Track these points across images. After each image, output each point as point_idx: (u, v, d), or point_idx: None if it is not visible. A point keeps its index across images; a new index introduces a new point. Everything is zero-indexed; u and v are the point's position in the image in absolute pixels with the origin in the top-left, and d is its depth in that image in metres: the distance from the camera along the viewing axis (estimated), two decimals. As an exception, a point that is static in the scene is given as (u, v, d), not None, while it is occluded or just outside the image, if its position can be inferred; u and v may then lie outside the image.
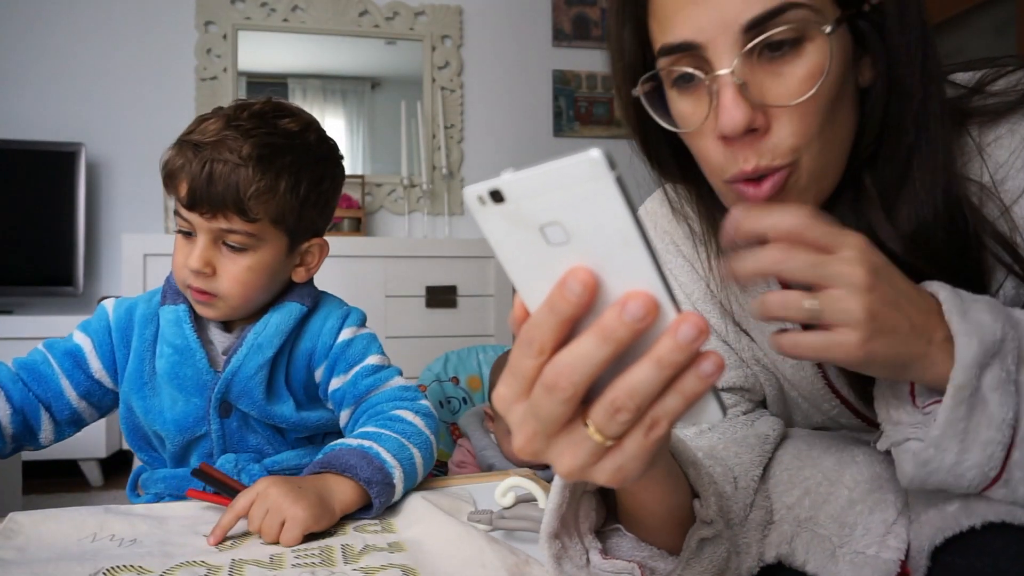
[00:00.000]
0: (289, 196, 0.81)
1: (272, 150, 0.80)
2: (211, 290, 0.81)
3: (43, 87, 2.67)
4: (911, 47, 0.53)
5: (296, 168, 0.82)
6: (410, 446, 0.77)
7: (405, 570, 0.57)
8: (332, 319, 0.90)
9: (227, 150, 0.78)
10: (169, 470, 0.88)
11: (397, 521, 0.71)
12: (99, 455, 2.25)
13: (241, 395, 0.84)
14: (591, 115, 3.21)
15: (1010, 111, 0.57)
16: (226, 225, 0.79)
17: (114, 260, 2.66)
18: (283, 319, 0.86)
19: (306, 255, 0.89)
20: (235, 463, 0.85)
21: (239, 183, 0.77)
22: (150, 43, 2.78)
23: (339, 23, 2.95)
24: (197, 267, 0.80)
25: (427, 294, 2.57)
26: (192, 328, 0.85)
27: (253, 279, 0.83)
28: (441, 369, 1.81)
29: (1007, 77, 0.59)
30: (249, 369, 0.84)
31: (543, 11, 3.17)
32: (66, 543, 0.62)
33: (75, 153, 2.51)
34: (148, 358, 0.86)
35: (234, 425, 0.87)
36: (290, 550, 0.62)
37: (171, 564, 0.57)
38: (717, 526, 0.51)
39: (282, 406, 0.87)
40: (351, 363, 0.88)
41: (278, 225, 0.82)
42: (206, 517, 0.70)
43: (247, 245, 0.81)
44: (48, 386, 0.84)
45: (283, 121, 0.84)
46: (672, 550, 0.51)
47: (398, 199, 3.00)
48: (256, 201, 0.79)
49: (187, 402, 0.85)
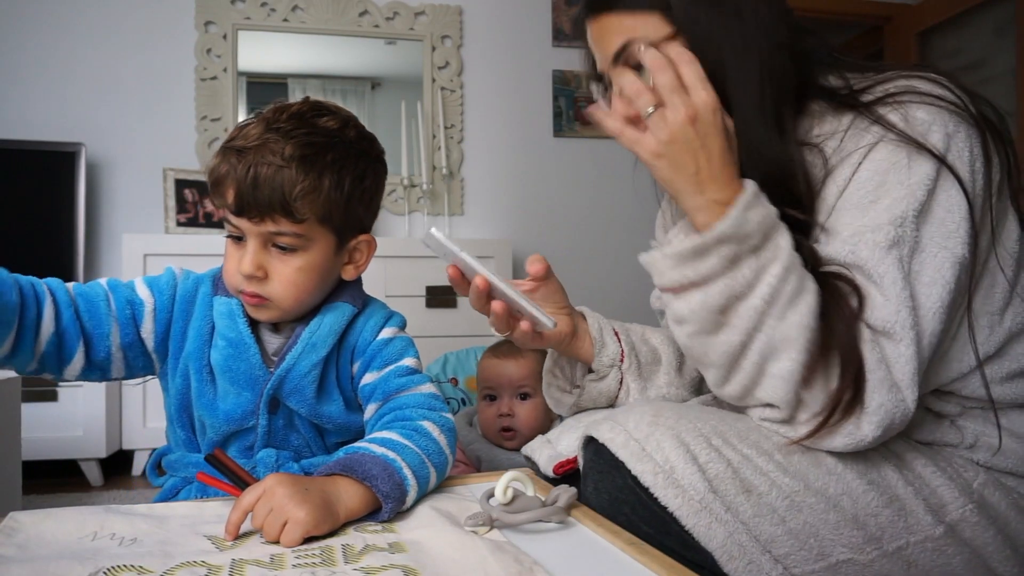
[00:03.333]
0: (334, 193, 0.82)
1: (314, 149, 0.81)
2: (264, 293, 0.82)
3: (43, 87, 2.68)
4: (719, 35, 0.75)
5: (339, 165, 0.83)
6: (429, 465, 0.77)
7: (406, 570, 0.57)
8: (376, 318, 0.92)
9: (270, 153, 0.79)
10: (197, 456, 0.88)
11: (398, 522, 0.71)
12: (99, 455, 2.25)
13: (292, 392, 0.85)
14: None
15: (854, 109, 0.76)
16: (274, 228, 0.80)
17: (114, 260, 2.66)
18: (336, 319, 0.88)
19: (354, 253, 0.90)
20: (276, 459, 0.86)
21: (284, 184, 0.78)
22: (150, 43, 2.78)
23: (339, 23, 2.96)
24: (249, 271, 0.80)
25: (427, 294, 2.57)
26: (246, 323, 0.86)
27: (305, 280, 0.83)
28: (440, 370, 1.81)
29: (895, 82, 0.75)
30: (303, 367, 0.85)
31: (543, 11, 3.17)
32: (67, 541, 0.62)
33: (75, 153, 2.52)
34: (207, 343, 0.87)
35: (280, 423, 0.88)
36: (291, 550, 0.62)
37: (171, 564, 0.57)
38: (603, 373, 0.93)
39: (331, 405, 0.88)
40: (386, 361, 0.89)
41: (325, 223, 0.83)
42: (206, 517, 0.70)
43: (297, 246, 0.82)
44: (98, 324, 0.82)
45: (322, 120, 0.84)
46: None
47: (398, 199, 3.00)
48: (302, 201, 0.79)
49: (238, 395, 0.85)
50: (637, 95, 0.72)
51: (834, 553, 0.69)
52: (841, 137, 0.75)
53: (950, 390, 0.76)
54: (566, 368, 0.96)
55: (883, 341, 0.67)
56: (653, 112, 0.71)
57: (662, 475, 0.69)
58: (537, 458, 0.91)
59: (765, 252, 0.69)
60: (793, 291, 0.68)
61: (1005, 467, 0.75)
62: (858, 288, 0.69)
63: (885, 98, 0.74)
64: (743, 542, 0.67)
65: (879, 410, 0.66)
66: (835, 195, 0.74)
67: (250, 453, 0.88)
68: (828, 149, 0.76)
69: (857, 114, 0.75)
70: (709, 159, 0.70)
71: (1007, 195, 0.75)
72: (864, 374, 0.67)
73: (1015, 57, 3.12)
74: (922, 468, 0.73)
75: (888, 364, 0.67)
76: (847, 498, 0.70)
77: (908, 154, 0.70)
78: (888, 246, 0.68)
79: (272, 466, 0.85)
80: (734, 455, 0.70)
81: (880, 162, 0.71)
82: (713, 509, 0.68)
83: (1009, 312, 0.74)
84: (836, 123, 0.76)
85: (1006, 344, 0.75)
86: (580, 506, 0.73)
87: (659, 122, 0.71)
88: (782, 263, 0.68)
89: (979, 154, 0.71)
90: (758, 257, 0.69)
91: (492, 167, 3.13)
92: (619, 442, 0.72)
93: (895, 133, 0.71)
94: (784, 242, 0.70)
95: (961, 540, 0.71)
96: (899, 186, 0.69)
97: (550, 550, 0.62)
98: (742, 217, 0.68)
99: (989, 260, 0.74)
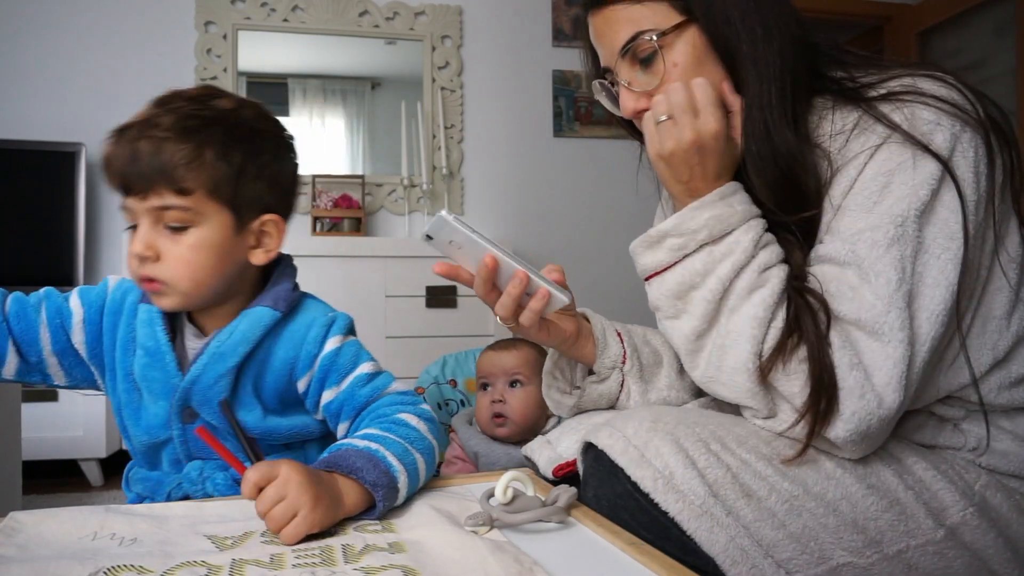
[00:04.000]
0: (220, 163, 0.78)
1: (198, 121, 0.78)
2: (158, 276, 0.79)
3: (43, 87, 2.68)
4: (739, 35, 0.76)
5: (225, 138, 0.79)
6: (413, 451, 0.76)
7: (406, 570, 0.57)
8: (316, 328, 0.86)
9: (150, 127, 0.77)
10: (144, 471, 0.87)
11: (398, 522, 0.71)
12: (99, 455, 2.25)
13: (202, 403, 0.83)
14: (591, 115, 3.21)
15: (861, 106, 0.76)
16: (160, 202, 0.77)
17: (114, 260, 2.66)
18: (251, 327, 0.83)
19: (262, 236, 0.85)
20: (200, 471, 0.83)
21: (163, 154, 0.76)
22: (150, 43, 2.78)
23: (339, 23, 2.96)
24: (139, 250, 0.77)
25: (427, 294, 2.57)
26: (164, 330, 0.83)
27: (199, 259, 0.79)
28: (439, 372, 1.81)
29: (900, 80, 0.75)
30: (209, 377, 0.82)
31: (543, 11, 3.18)
32: (67, 541, 0.62)
33: (75, 153, 2.52)
34: (131, 352, 0.85)
35: None
36: (291, 550, 0.62)
37: (171, 564, 0.57)
38: (603, 374, 0.92)
39: (248, 414, 0.85)
40: (343, 373, 0.86)
41: (216, 197, 0.79)
42: (206, 517, 0.70)
43: (186, 221, 0.78)
44: (28, 328, 0.84)
45: (215, 100, 0.82)
46: None
47: (398, 199, 3.00)
48: (184, 170, 0.76)
49: (155, 404, 0.84)
50: (657, 103, 0.77)
51: (834, 557, 0.69)
52: (847, 137, 0.75)
53: (959, 395, 0.75)
54: (566, 370, 0.96)
55: (867, 342, 0.67)
56: (665, 120, 0.76)
57: (662, 481, 0.69)
58: (537, 459, 0.90)
59: (718, 247, 0.74)
60: (747, 286, 0.72)
61: (1008, 470, 0.75)
62: (826, 304, 0.71)
63: (889, 96, 0.73)
64: (745, 546, 0.67)
65: (852, 418, 0.67)
66: (840, 196, 0.73)
67: (180, 466, 0.85)
68: (833, 149, 0.75)
69: (862, 114, 0.74)
70: (704, 173, 0.76)
71: (1009, 197, 0.75)
72: (836, 382, 0.67)
73: (1015, 57, 3.12)
74: (922, 471, 0.73)
75: (866, 368, 0.67)
76: (846, 502, 0.70)
77: (913, 154, 0.69)
78: (888, 244, 0.68)
79: (197, 480, 0.83)
80: (733, 460, 0.70)
81: (885, 163, 0.71)
82: (714, 513, 0.67)
83: (1015, 316, 0.74)
84: (841, 122, 0.76)
85: (1014, 348, 0.74)
86: (580, 506, 0.73)
87: (666, 133, 0.76)
88: (734, 259, 0.73)
89: (983, 155, 0.71)
90: (711, 252, 0.75)
91: (492, 167, 3.13)
92: (618, 448, 0.72)
93: (900, 134, 0.70)
94: (746, 240, 0.74)
95: (962, 543, 0.71)
96: (903, 186, 0.69)
97: (550, 550, 0.62)
98: (688, 215, 0.76)
99: (993, 264, 0.73)
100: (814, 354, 0.68)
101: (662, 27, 0.77)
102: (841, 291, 0.70)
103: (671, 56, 0.78)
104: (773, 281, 0.72)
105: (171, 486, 0.84)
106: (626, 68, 0.81)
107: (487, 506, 0.68)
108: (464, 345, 1.93)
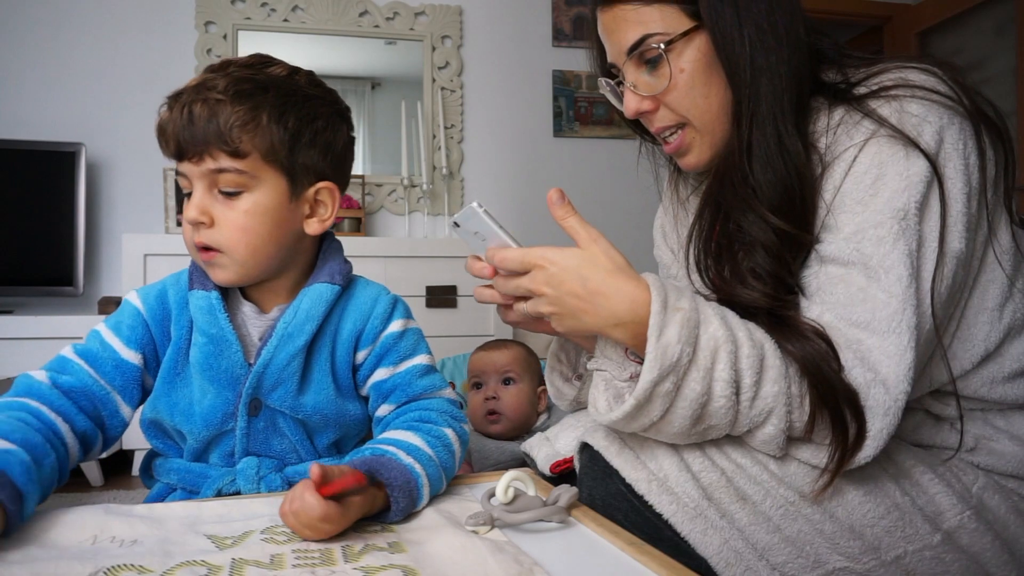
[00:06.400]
0: (275, 127, 0.77)
1: (253, 85, 0.78)
2: (213, 243, 0.78)
3: (43, 87, 2.68)
4: (742, 40, 0.74)
5: (279, 102, 0.78)
6: (444, 479, 0.77)
7: (406, 570, 0.57)
8: (382, 304, 0.87)
9: (206, 90, 0.77)
10: (184, 462, 0.84)
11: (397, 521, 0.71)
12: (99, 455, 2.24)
13: (274, 388, 0.81)
14: (591, 115, 3.21)
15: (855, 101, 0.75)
16: (215, 165, 0.76)
17: (114, 260, 2.66)
18: (314, 303, 0.82)
19: (317, 205, 0.84)
20: (257, 469, 0.82)
21: (219, 116, 0.75)
22: (150, 43, 2.78)
23: (339, 23, 2.95)
24: (194, 216, 0.76)
25: (427, 294, 2.57)
26: (226, 316, 0.81)
27: (254, 224, 0.78)
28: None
29: (890, 74, 0.74)
30: (281, 360, 0.81)
31: (543, 11, 3.17)
32: (66, 542, 0.62)
33: (75, 153, 2.51)
34: (185, 347, 0.82)
35: (260, 425, 0.83)
36: (290, 550, 0.62)
37: (171, 564, 0.57)
38: None
39: (318, 395, 0.83)
40: (402, 356, 0.86)
41: (271, 161, 0.78)
42: (206, 517, 0.70)
43: (241, 186, 0.77)
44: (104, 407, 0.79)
45: (270, 68, 0.82)
46: None
47: (398, 199, 3.00)
48: (239, 131, 0.75)
49: (217, 395, 0.81)
50: (515, 312, 0.76)
51: (830, 561, 0.69)
52: (833, 132, 0.74)
53: (950, 390, 0.75)
54: (571, 353, 0.95)
55: (880, 346, 0.66)
56: (526, 307, 0.73)
57: (656, 483, 0.69)
58: (535, 455, 0.90)
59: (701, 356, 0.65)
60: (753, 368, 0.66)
61: (1006, 470, 0.75)
62: (833, 345, 0.67)
63: (879, 91, 0.73)
64: (739, 548, 0.67)
65: (880, 435, 0.66)
66: (832, 192, 0.73)
67: (231, 460, 0.83)
68: (821, 146, 0.75)
69: (848, 108, 0.74)
70: (602, 292, 0.67)
71: (1001, 190, 0.75)
72: (861, 409, 0.66)
73: (1015, 57, 3.12)
74: (920, 476, 0.73)
75: (884, 381, 0.66)
76: (843, 508, 0.70)
77: (905, 145, 0.69)
78: (894, 240, 0.67)
79: (253, 477, 0.81)
80: (728, 464, 0.70)
81: (876, 155, 0.70)
82: (708, 516, 0.67)
83: (1008, 308, 0.74)
84: (827, 119, 0.75)
85: (1005, 342, 0.75)
86: (581, 506, 0.73)
87: (536, 307, 0.72)
88: (725, 356, 0.65)
89: (973, 147, 0.70)
90: (697, 366, 0.65)
91: (492, 167, 3.13)
92: (614, 450, 0.72)
93: (888, 127, 0.70)
94: (715, 329, 0.65)
95: (959, 547, 0.71)
96: (898, 178, 0.68)
97: (551, 550, 0.62)
98: (660, 349, 0.63)
99: (986, 255, 0.73)
100: (841, 395, 0.66)
101: (671, 32, 0.76)
102: (850, 294, 0.68)
103: (678, 62, 0.77)
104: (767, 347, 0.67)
105: (222, 482, 0.81)
106: (632, 69, 0.81)
107: (488, 506, 0.68)
108: (464, 345, 1.93)
